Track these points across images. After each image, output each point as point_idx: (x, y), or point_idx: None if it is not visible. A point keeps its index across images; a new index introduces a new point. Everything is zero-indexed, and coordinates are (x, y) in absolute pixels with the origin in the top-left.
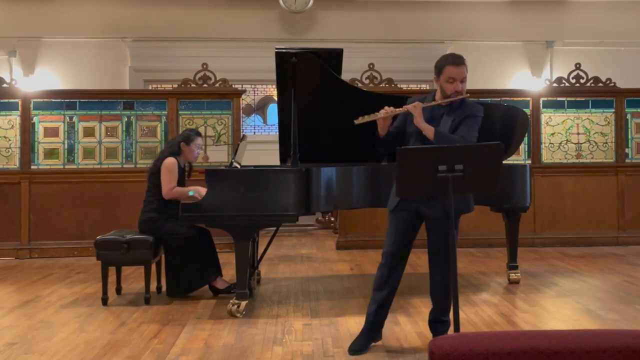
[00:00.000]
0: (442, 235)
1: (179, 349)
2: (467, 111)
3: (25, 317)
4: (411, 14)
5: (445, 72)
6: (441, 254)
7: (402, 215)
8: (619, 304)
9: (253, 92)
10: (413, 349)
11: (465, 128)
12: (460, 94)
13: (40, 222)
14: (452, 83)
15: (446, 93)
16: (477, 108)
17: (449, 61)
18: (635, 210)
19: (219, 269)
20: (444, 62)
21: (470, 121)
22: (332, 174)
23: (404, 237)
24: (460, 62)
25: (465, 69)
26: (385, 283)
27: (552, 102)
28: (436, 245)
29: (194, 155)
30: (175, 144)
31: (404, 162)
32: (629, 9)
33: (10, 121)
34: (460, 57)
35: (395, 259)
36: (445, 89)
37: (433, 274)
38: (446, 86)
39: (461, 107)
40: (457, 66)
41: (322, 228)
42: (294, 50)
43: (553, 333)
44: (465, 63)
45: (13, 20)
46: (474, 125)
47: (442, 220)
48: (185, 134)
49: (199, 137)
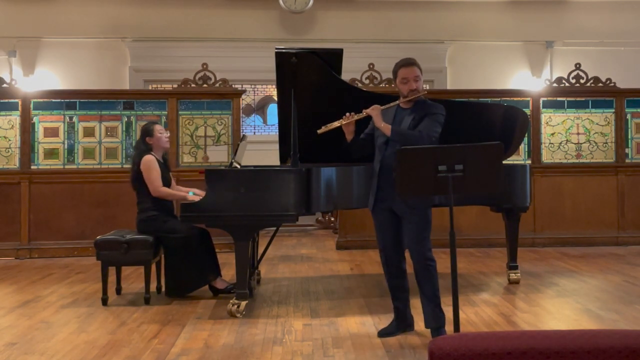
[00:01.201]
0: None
1: (179, 349)
2: (426, 110)
3: (25, 317)
4: (411, 14)
5: (399, 74)
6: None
7: (380, 213)
8: (619, 304)
9: (253, 92)
10: (413, 349)
11: (425, 124)
12: (415, 92)
13: (40, 222)
14: (406, 83)
15: (403, 93)
16: (436, 107)
17: (400, 64)
18: (635, 210)
19: (218, 269)
20: (396, 66)
21: (430, 118)
22: (332, 174)
23: (388, 232)
24: (411, 63)
25: (416, 69)
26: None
27: (552, 102)
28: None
29: (163, 141)
30: (141, 143)
31: (404, 162)
32: (629, 9)
33: (10, 121)
34: (410, 58)
35: (389, 253)
36: (401, 90)
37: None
38: (402, 87)
39: (422, 108)
40: (407, 67)
41: (322, 228)
42: (294, 50)
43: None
44: (416, 64)
45: (13, 20)
46: (434, 122)
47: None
48: (144, 128)
49: (156, 124)
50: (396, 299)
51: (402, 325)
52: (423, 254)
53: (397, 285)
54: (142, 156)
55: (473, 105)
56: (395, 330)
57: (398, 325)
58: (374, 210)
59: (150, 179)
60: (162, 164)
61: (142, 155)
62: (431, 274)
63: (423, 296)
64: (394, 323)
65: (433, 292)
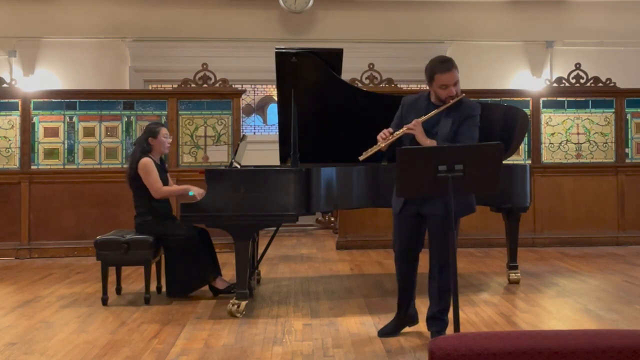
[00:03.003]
0: (439, 233)
1: (179, 349)
2: (465, 112)
3: (25, 317)
4: (411, 14)
5: (437, 80)
6: (439, 252)
7: (406, 219)
8: (619, 304)
9: (253, 92)
10: (413, 349)
11: (466, 131)
12: (454, 97)
13: (40, 222)
14: (446, 89)
15: (441, 98)
16: (474, 106)
17: (438, 69)
18: (635, 210)
19: (218, 269)
20: (433, 69)
21: (470, 122)
22: (332, 174)
23: (409, 240)
24: (449, 68)
25: (455, 73)
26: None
27: (552, 102)
28: (435, 244)
29: (165, 146)
30: (143, 141)
31: (404, 162)
32: (629, 9)
33: (10, 121)
34: (448, 62)
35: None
36: (439, 95)
37: (433, 272)
38: (440, 92)
39: (459, 108)
40: (446, 73)
41: (322, 228)
42: (294, 50)
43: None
44: (454, 67)
45: (13, 20)
46: (474, 125)
47: (442, 218)
48: (150, 128)
49: (163, 128)
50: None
51: (402, 323)
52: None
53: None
54: (140, 157)
55: None
56: (395, 331)
57: (397, 325)
58: (400, 214)
59: (149, 182)
60: (159, 165)
61: (140, 156)
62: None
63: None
64: (393, 322)
65: (443, 304)
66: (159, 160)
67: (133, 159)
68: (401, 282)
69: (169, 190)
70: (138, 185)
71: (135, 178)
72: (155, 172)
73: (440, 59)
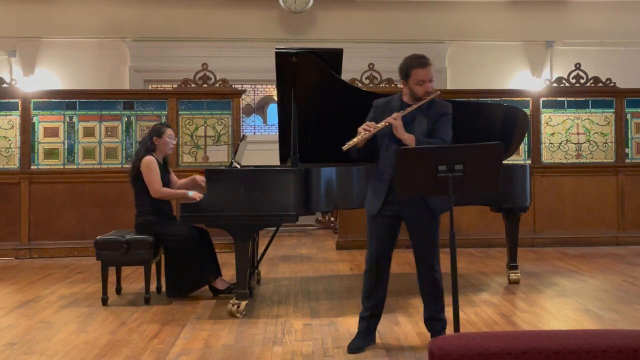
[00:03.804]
0: (424, 233)
1: (179, 349)
2: (439, 110)
3: (25, 317)
4: (411, 14)
5: (414, 75)
6: (427, 253)
7: (383, 221)
8: (619, 304)
9: (253, 92)
10: (413, 349)
11: (442, 128)
12: (430, 93)
13: (40, 222)
14: (422, 85)
15: (417, 95)
16: (446, 105)
17: (416, 64)
18: (635, 210)
19: (218, 270)
20: (410, 65)
21: (445, 120)
22: (332, 174)
23: (386, 242)
24: (427, 63)
25: (432, 69)
26: (375, 291)
27: (552, 102)
28: (421, 245)
29: (169, 147)
30: (148, 140)
31: (404, 162)
32: (629, 9)
33: (10, 121)
34: (425, 57)
35: (381, 266)
36: (416, 91)
37: (421, 273)
38: (417, 89)
39: (432, 107)
40: (424, 68)
41: (322, 228)
42: (294, 50)
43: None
44: (430, 63)
45: (13, 20)
46: (448, 123)
47: (426, 218)
48: (156, 127)
49: (169, 129)
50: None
51: (369, 338)
52: (433, 265)
53: (381, 296)
54: (144, 156)
55: (473, 105)
56: (364, 345)
57: (366, 339)
58: (377, 215)
59: (150, 181)
60: (162, 165)
61: (144, 154)
62: (438, 285)
63: (427, 304)
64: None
65: (438, 303)
66: (162, 160)
67: (137, 157)
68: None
69: (168, 192)
70: (140, 183)
71: (137, 176)
72: (157, 171)
73: (417, 55)
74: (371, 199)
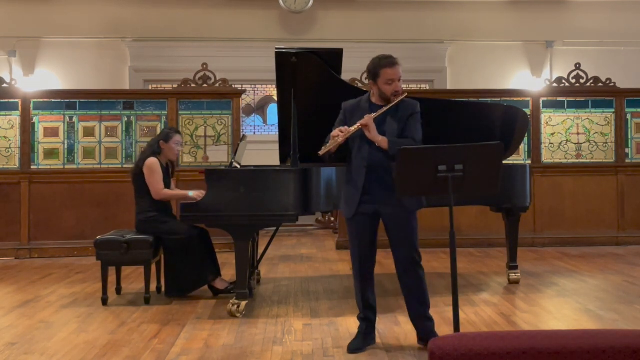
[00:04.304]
0: (404, 229)
1: (179, 349)
2: (408, 110)
3: (25, 317)
4: (411, 14)
5: (383, 74)
6: (408, 249)
7: (361, 220)
8: (619, 304)
9: (253, 92)
10: (413, 349)
11: (412, 128)
12: (400, 93)
13: (40, 222)
14: (391, 84)
15: (386, 95)
16: (414, 104)
17: (384, 63)
18: (635, 210)
19: (218, 270)
20: (378, 65)
21: (415, 118)
22: (332, 174)
23: (367, 239)
24: (395, 62)
25: (400, 69)
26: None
27: (552, 102)
28: (401, 242)
29: (174, 153)
30: (155, 143)
31: (404, 162)
32: (629, 9)
33: (10, 121)
34: (393, 57)
35: (365, 267)
36: (385, 91)
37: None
38: (386, 88)
39: (400, 107)
40: (392, 67)
41: (322, 228)
42: (294, 50)
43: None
44: (399, 62)
45: (13, 20)
46: (418, 122)
47: (402, 215)
48: (164, 132)
49: (177, 135)
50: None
51: (369, 338)
52: (414, 260)
53: (370, 296)
54: (149, 157)
55: (473, 105)
56: (364, 345)
57: (366, 339)
58: (355, 216)
59: (151, 182)
60: (164, 169)
61: (149, 155)
62: (421, 280)
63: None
64: (361, 337)
65: (424, 300)
66: (165, 164)
67: (142, 156)
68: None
69: (169, 194)
70: (141, 182)
71: (139, 175)
72: (160, 173)
73: (384, 55)
74: (347, 201)
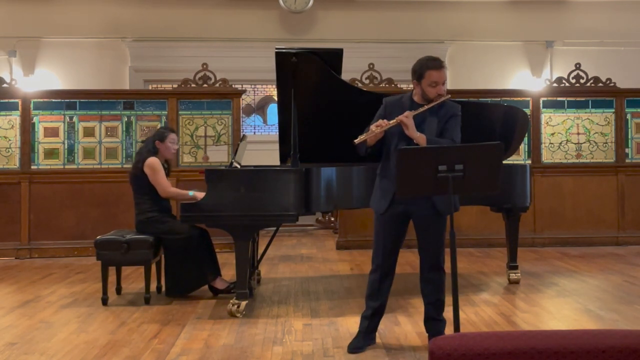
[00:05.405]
0: (431, 232)
1: (179, 349)
2: (449, 111)
3: (25, 317)
4: (411, 14)
5: (427, 76)
6: (431, 252)
7: (391, 218)
8: (619, 304)
9: (253, 92)
10: (413, 349)
11: (452, 129)
12: (442, 96)
13: (40, 222)
14: (435, 87)
15: (429, 96)
16: (456, 107)
17: (430, 66)
18: (635, 210)
19: (218, 269)
20: (424, 66)
21: (454, 121)
22: (332, 174)
23: (394, 240)
24: (441, 65)
25: (446, 72)
26: (379, 291)
27: (552, 102)
28: (428, 245)
29: (170, 152)
30: (150, 143)
31: (404, 162)
32: (629, 9)
33: (10, 121)
34: (440, 60)
35: (387, 264)
36: (428, 93)
37: (425, 273)
38: (429, 90)
39: (442, 107)
40: (438, 70)
41: (322, 228)
42: (294, 50)
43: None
44: (445, 66)
45: (13, 20)
46: (458, 125)
47: (433, 218)
48: (159, 131)
49: (172, 133)
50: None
51: (370, 338)
52: (439, 264)
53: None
54: (147, 157)
55: (473, 105)
56: (364, 345)
57: (366, 339)
58: (385, 213)
59: (157, 181)
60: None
61: (146, 155)
62: (442, 286)
63: (429, 305)
64: (361, 336)
65: (441, 304)
66: (162, 163)
67: (139, 157)
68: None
69: (177, 192)
70: (141, 183)
71: (139, 176)
72: (163, 171)
73: (431, 57)
74: (379, 197)
